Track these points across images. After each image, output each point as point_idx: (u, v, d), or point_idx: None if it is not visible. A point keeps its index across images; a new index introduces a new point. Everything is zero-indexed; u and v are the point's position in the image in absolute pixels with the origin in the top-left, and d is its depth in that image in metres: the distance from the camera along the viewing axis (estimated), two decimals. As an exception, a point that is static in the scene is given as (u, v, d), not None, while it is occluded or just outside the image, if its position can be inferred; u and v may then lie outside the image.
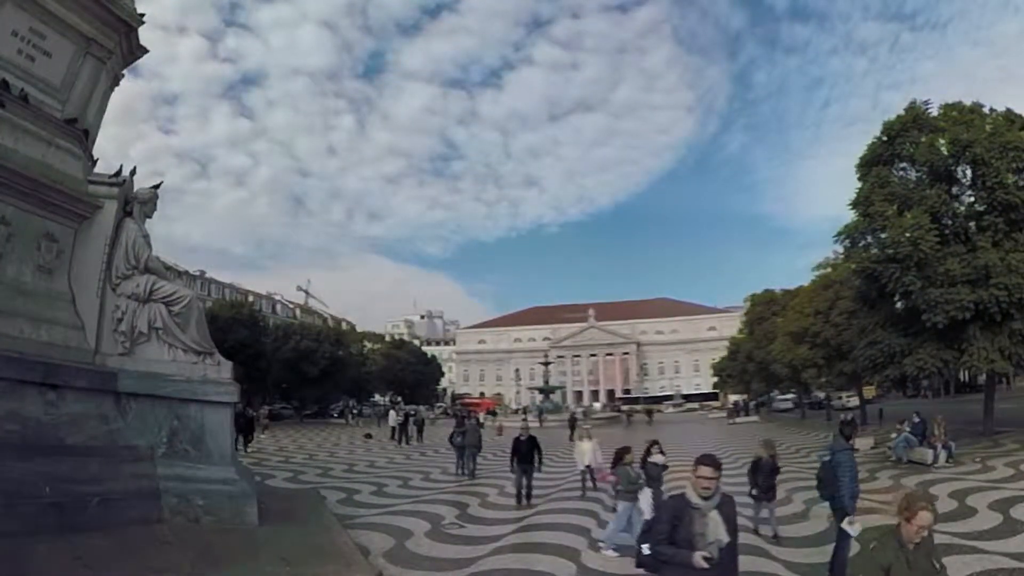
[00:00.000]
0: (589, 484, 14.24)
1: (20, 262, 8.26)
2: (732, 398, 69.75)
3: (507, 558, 8.58)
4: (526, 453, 13.28)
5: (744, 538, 9.31)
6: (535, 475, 13.62)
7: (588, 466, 14.11)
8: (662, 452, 10.51)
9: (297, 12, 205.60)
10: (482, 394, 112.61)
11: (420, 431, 31.93)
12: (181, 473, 8.50)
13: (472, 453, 17.92)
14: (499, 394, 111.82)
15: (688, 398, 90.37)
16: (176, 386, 8.81)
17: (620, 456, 9.58)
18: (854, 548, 7.93)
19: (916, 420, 18.10)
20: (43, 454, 7.47)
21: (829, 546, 8.72)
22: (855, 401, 44.17)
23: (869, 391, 40.79)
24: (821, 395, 47.50)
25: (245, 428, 24.52)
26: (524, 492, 12.98)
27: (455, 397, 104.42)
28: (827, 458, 7.77)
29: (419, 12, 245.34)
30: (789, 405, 57.20)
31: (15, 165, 8.01)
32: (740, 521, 8.81)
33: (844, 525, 6.83)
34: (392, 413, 37.04)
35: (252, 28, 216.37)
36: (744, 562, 7.97)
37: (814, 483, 14.35)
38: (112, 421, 8.54)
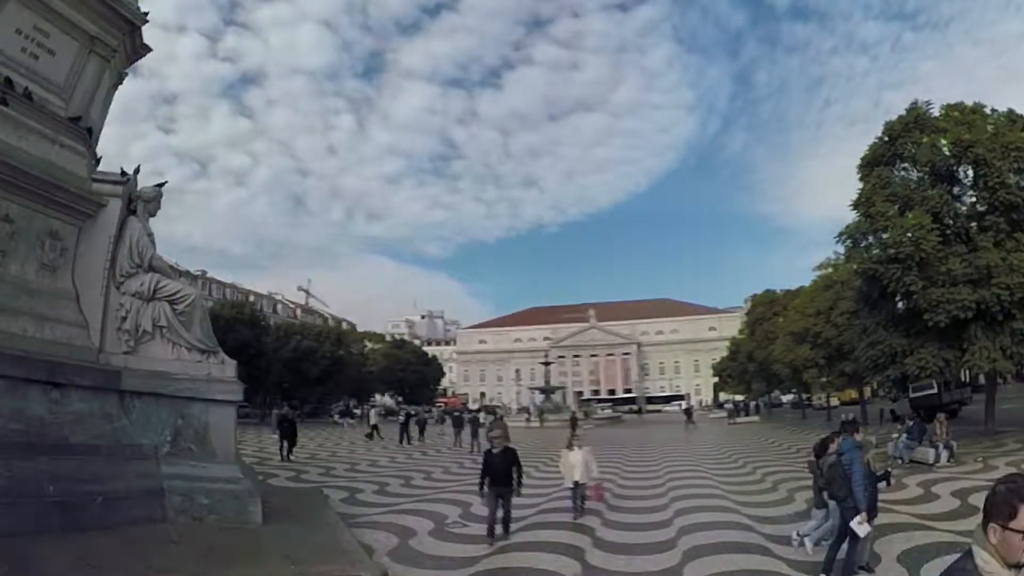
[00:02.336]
0: (580, 503, 11.40)
1: (24, 260, 8.26)
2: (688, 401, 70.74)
3: (511, 557, 8.58)
4: (501, 472, 9.68)
5: (745, 536, 9.37)
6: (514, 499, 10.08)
7: (577, 482, 11.22)
8: None
9: (297, 11, 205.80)
10: (482, 394, 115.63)
11: (422, 431, 31.97)
12: (185, 472, 8.51)
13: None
14: (456, 393, 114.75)
15: (652, 400, 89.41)
16: (180, 385, 8.82)
17: (825, 446, 9.07)
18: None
19: (912, 423, 18.12)
20: (47, 453, 7.46)
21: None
22: (834, 402, 44.61)
23: (852, 393, 40.85)
24: (802, 397, 47.85)
25: (291, 432, 21.77)
26: (501, 521, 9.65)
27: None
28: (835, 457, 7.65)
29: (419, 11, 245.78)
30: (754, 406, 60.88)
31: (19, 163, 8.01)
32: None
33: (853, 525, 6.62)
34: (373, 411, 37.51)
35: (251, 27, 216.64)
36: (747, 560, 8.05)
37: (807, 487, 14.48)
38: (116, 420, 8.54)
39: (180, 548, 7.34)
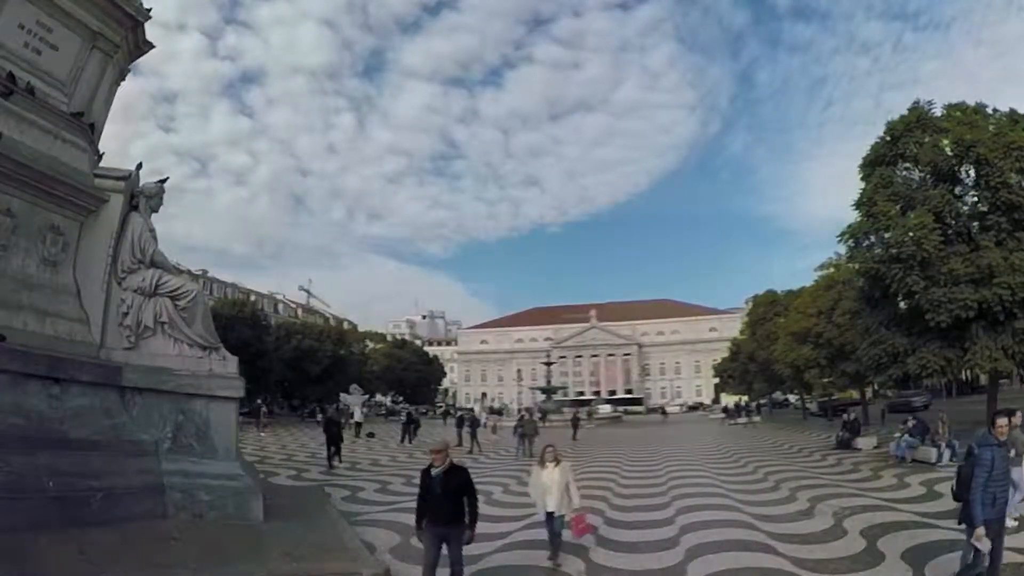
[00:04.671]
0: (557, 541, 8.25)
1: (25, 255, 8.26)
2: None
3: (515, 555, 8.55)
4: (442, 503, 6.44)
5: (748, 534, 9.33)
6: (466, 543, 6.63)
7: (552, 513, 8.08)
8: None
9: (297, 10, 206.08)
10: (483, 394, 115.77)
11: (415, 430, 31.89)
12: (186, 468, 8.50)
13: (529, 439, 23.04)
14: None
15: (612, 402, 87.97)
16: (181, 380, 8.82)
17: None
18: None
19: (914, 422, 18.11)
20: (46, 448, 7.45)
21: (835, 543, 8.75)
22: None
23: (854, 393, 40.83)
24: (802, 397, 47.86)
25: (337, 437, 19.67)
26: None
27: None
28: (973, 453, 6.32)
29: (419, 10, 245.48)
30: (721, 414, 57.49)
31: (21, 157, 8.01)
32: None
33: (973, 540, 5.64)
34: (356, 410, 37.56)
35: (252, 26, 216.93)
36: (750, 558, 8.01)
37: (817, 483, 14.41)
38: (116, 415, 8.53)
39: (180, 545, 7.32)
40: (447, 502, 6.41)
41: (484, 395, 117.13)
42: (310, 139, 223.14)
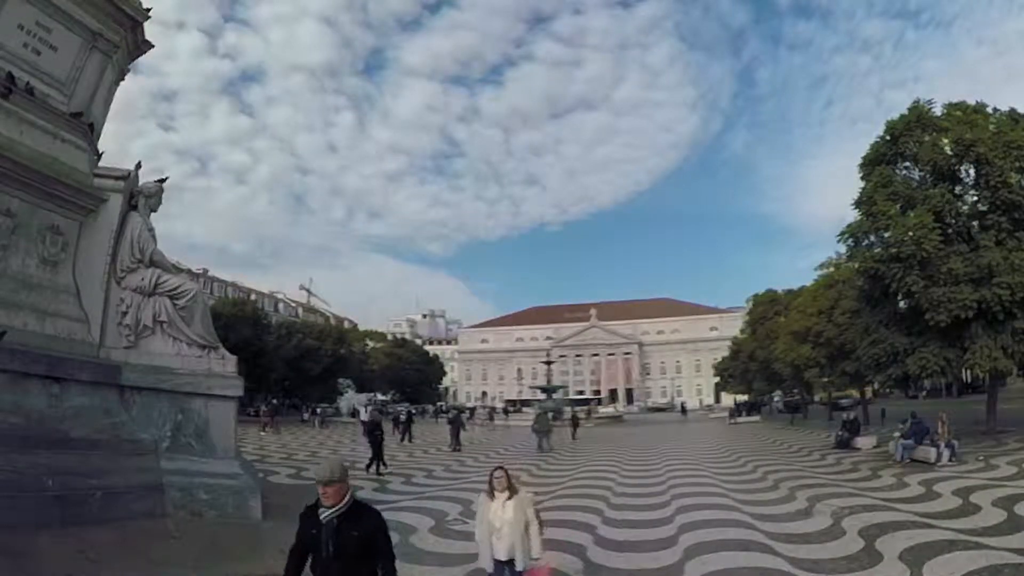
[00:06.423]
0: None
1: (25, 254, 8.28)
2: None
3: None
4: (334, 567, 3.57)
5: (747, 534, 9.34)
6: None
7: (502, 562, 5.47)
8: None
9: (296, 7, 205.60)
10: (484, 393, 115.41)
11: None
12: (185, 467, 8.53)
13: (545, 435, 24.45)
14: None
15: (575, 402, 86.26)
16: (180, 380, 8.86)
17: None
18: None
19: (915, 420, 18.10)
20: (46, 447, 7.48)
21: (833, 543, 8.76)
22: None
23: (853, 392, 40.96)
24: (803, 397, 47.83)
25: (380, 443, 18.07)
26: None
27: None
28: None
29: (419, 8, 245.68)
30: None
31: (20, 157, 8.02)
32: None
33: None
34: (362, 409, 37.53)
35: (251, 24, 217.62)
36: (749, 558, 8.03)
37: (816, 482, 14.44)
38: (116, 414, 8.56)
39: (179, 543, 7.36)
40: (340, 566, 3.61)
41: (484, 394, 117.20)
42: (310, 138, 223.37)
